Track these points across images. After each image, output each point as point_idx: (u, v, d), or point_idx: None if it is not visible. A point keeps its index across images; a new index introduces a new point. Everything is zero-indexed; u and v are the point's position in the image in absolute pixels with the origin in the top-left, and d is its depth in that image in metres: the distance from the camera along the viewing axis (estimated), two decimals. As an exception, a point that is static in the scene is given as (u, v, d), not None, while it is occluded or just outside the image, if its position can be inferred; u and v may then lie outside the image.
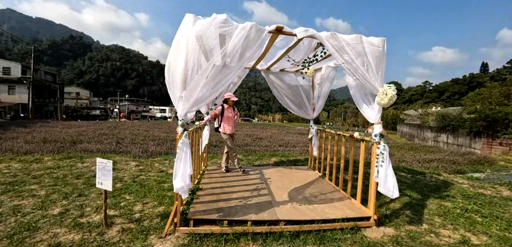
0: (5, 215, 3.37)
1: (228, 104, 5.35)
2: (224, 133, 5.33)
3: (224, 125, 5.32)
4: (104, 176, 3.06)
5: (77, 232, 3.02)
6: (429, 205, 4.61)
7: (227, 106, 5.34)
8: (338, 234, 3.27)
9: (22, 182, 4.68)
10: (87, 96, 62.50)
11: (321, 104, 5.18)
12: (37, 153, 7.31)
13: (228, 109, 5.34)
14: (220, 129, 5.34)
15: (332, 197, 4.21)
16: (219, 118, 5.33)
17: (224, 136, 5.35)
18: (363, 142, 3.83)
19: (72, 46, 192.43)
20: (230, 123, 5.38)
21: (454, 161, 9.87)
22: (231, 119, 5.40)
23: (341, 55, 2.99)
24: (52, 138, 11.25)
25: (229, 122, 5.35)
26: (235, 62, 2.56)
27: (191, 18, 2.51)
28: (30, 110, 29.86)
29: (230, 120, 5.37)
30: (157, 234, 3.00)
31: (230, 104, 5.39)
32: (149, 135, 14.71)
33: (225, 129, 5.32)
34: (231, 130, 5.37)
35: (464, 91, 53.03)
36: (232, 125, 5.41)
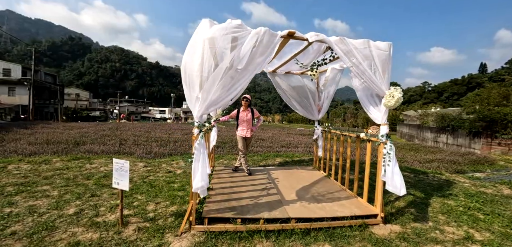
0: (22, 215, 3.46)
1: (242, 106, 5.37)
2: (238, 135, 5.44)
3: (239, 127, 5.41)
4: (120, 176, 3.16)
5: (94, 231, 3.11)
6: (433, 204, 4.73)
7: (242, 108, 5.36)
8: (347, 231, 3.38)
9: (33, 183, 4.77)
10: (86, 97, 62.49)
11: (326, 105, 5.30)
12: (43, 155, 7.39)
13: (243, 112, 5.36)
14: (236, 130, 5.48)
15: (339, 196, 4.32)
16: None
17: (237, 137, 5.45)
18: (370, 142, 3.94)
19: (71, 47, 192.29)
20: (244, 126, 5.37)
21: (454, 161, 10.01)
22: (246, 121, 5.35)
23: (349, 58, 3.10)
24: (55, 139, 11.33)
25: (243, 125, 5.36)
26: (249, 66, 2.67)
27: (207, 22, 2.62)
28: (30, 111, 29.89)
29: (244, 123, 5.35)
30: (173, 232, 3.10)
31: (244, 106, 5.34)
32: (151, 137, 14.79)
33: (239, 131, 5.41)
34: (244, 132, 5.38)
35: (463, 92, 53.33)
36: (246, 128, 5.37)
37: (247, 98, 5.31)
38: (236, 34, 2.57)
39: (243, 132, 5.37)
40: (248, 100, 5.33)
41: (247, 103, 5.34)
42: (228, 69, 2.59)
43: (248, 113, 5.37)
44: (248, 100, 5.33)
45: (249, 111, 5.40)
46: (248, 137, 5.46)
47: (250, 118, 5.37)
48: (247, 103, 5.34)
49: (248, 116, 5.36)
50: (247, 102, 5.33)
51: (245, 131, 5.37)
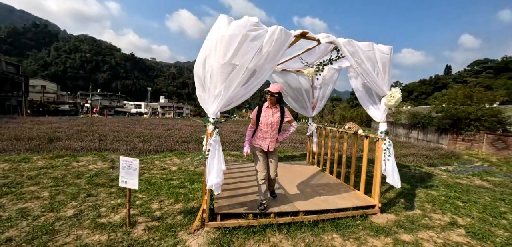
0: (14, 219, 3.23)
1: (267, 101, 3.48)
2: (254, 146, 3.52)
3: (257, 133, 3.49)
4: (129, 175, 3.07)
5: (100, 233, 3.00)
6: (419, 194, 5.15)
7: (266, 105, 3.49)
8: (350, 221, 3.63)
9: (18, 184, 4.44)
10: (54, 89, 58.24)
11: (322, 104, 5.49)
12: (14, 153, 6.86)
13: (268, 109, 3.44)
14: (252, 139, 3.56)
15: (338, 189, 4.54)
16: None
17: (253, 151, 3.54)
18: (367, 139, 4.17)
19: (35, 34, 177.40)
20: (267, 132, 3.41)
21: (426, 155, 10.84)
22: (270, 125, 3.40)
23: (355, 59, 3.26)
24: (24, 135, 10.55)
25: (264, 130, 3.43)
26: (267, 64, 2.71)
27: (226, 19, 2.61)
28: (-10, 105, 27.29)
29: (267, 128, 3.41)
30: (185, 230, 3.09)
31: (270, 102, 3.41)
32: (132, 132, 14.29)
33: (256, 140, 3.49)
34: (264, 143, 3.42)
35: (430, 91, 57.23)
36: (269, 136, 3.42)
37: (272, 92, 3.33)
38: (255, 32, 2.60)
39: (262, 142, 3.42)
40: (275, 95, 3.34)
41: (273, 98, 3.35)
42: (248, 67, 2.61)
43: (275, 113, 3.43)
44: (275, 95, 3.34)
45: (277, 110, 3.46)
46: (271, 152, 3.47)
47: (277, 121, 3.43)
48: (273, 99, 3.35)
49: (274, 117, 3.41)
50: (275, 97, 3.35)
51: (266, 141, 3.41)
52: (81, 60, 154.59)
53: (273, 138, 3.46)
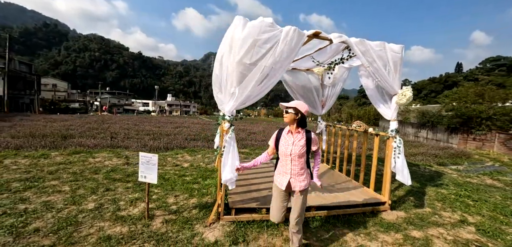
0: (40, 211, 3.41)
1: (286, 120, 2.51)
2: (274, 184, 2.68)
3: (278, 163, 2.66)
4: (148, 170, 3.21)
5: (121, 225, 3.15)
6: (428, 192, 5.18)
7: (288, 129, 2.58)
8: (360, 217, 3.70)
9: (39, 178, 4.66)
10: (65, 88, 59.53)
11: (331, 103, 5.55)
12: (31, 149, 7.12)
13: (288, 136, 2.56)
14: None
15: (347, 186, 4.61)
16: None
17: (273, 188, 2.70)
18: (378, 136, 4.23)
19: (46, 34, 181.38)
20: (286, 164, 2.53)
21: (435, 154, 10.75)
22: (288, 156, 2.50)
23: (367, 58, 3.32)
24: (39, 132, 10.88)
25: (282, 161, 2.57)
26: (281, 64, 2.81)
27: (241, 20, 2.72)
28: (5, 103, 28.14)
29: (286, 158, 2.52)
30: (201, 223, 3.22)
31: (289, 121, 2.49)
32: (141, 130, 14.55)
33: (275, 172, 2.68)
34: (283, 179, 2.55)
35: (440, 90, 56.19)
36: (289, 170, 2.51)
37: (286, 107, 2.50)
38: (270, 33, 2.69)
39: (280, 178, 2.58)
40: (289, 112, 2.47)
41: (288, 116, 2.47)
42: (263, 67, 2.71)
43: (297, 140, 2.49)
44: (289, 112, 2.47)
45: (300, 136, 2.51)
46: (294, 192, 2.56)
47: (300, 151, 2.47)
48: (289, 117, 2.47)
49: (295, 146, 2.47)
50: (296, 116, 2.47)
51: (285, 178, 2.53)
52: (90, 59, 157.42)
53: (296, 173, 2.46)
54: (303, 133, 2.53)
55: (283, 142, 2.55)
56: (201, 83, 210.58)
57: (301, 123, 2.53)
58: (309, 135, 2.56)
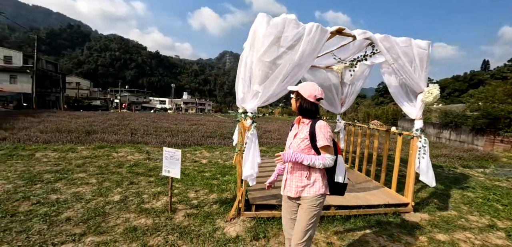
0: (70, 202, 3.60)
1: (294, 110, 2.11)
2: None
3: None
4: (171, 165, 3.31)
5: (146, 217, 3.27)
6: (453, 195, 4.97)
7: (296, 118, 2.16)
8: (382, 218, 3.62)
9: (68, 171, 4.91)
10: (87, 86, 62.19)
11: (351, 100, 5.44)
12: (59, 143, 7.50)
13: (295, 125, 2.16)
14: None
15: (368, 186, 4.52)
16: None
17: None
18: (401, 136, 4.11)
19: (70, 35, 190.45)
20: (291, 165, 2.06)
21: (459, 156, 10.26)
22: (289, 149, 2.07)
23: (392, 55, 3.24)
24: (65, 128, 11.43)
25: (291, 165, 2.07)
26: (304, 61, 2.80)
27: (265, 17, 2.73)
28: (33, 100, 29.81)
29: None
30: (222, 218, 3.28)
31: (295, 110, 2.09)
32: (159, 127, 14.93)
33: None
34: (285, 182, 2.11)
35: (464, 88, 53.55)
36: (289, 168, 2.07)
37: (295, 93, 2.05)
38: (294, 30, 2.69)
39: (284, 182, 2.14)
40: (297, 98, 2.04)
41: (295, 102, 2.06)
42: (286, 65, 2.72)
43: (300, 130, 2.04)
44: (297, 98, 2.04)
45: (305, 125, 2.02)
46: (292, 198, 2.09)
47: (299, 143, 2.00)
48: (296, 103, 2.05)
49: (296, 139, 2.04)
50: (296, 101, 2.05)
51: (286, 179, 2.11)
52: (111, 58, 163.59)
53: (294, 173, 2.00)
54: (309, 124, 1.95)
55: (289, 134, 2.14)
56: (216, 82, 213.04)
57: (304, 112, 1.98)
58: (313, 126, 1.91)
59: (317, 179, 1.96)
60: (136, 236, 2.79)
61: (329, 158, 1.90)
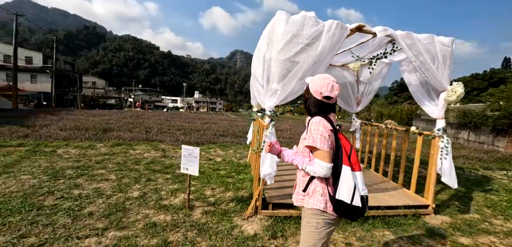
0: (92, 197, 3.71)
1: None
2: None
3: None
4: (190, 162, 3.35)
5: (165, 213, 3.33)
6: (476, 198, 4.79)
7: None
8: (401, 219, 3.54)
9: (89, 167, 5.07)
10: (103, 85, 63.99)
11: (368, 100, 5.34)
12: (76, 140, 7.74)
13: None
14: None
15: (385, 186, 4.42)
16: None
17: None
18: (421, 136, 4.00)
19: (86, 36, 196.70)
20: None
21: (479, 158, 9.88)
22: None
23: (413, 52, 3.15)
24: (83, 126, 11.77)
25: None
26: (323, 59, 2.76)
27: (284, 15, 2.71)
28: (53, 98, 30.96)
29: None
30: (239, 216, 3.30)
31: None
32: (173, 125, 15.16)
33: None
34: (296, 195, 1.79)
35: (484, 87, 51.41)
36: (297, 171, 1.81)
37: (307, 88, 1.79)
38: (313, 28, 2.66)
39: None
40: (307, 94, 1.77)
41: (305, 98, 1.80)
42: (306, 63, 2.70)
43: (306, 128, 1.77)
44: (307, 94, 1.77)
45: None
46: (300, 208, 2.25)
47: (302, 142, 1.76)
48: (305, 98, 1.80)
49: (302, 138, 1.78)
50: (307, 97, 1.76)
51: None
52: (125, 58, 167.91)
53: (297, 178, 1.81)
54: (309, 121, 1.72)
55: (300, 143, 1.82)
56: (227, 81, 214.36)
57: (307, 110, 1.74)
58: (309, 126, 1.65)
59: (316, 190, 1.64)
60: (156, 232, 2.85)
61: (319, 165, 1.55)
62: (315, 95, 1.67)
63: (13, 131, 8.35)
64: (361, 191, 1.60)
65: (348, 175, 1.57)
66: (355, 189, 1.56)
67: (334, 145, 1.63)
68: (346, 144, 1.65)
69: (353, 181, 1.57)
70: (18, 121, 11.46)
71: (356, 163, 1.62)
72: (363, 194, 1.61)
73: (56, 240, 2.62)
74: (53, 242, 2.59)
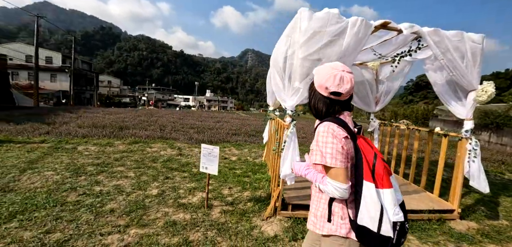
0: (113, 194, 3.77)
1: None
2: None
3: None
4: (209, 161, 3.35)
5: (184, 212, 3.34)
6: (503, 203, 4.58)
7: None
8: (426, 224, 3.40)
9: (108, 164, 5.18)
10: (118, 84, 65.73)
11: (388, 99, 5.18)
12: (94, 137, 7.94)
13: None
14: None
15: (406, 189, 4.28)
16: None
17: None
18: (446, 137, 3.84)
19: (102, 36, 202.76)
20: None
21: (503, 161, 9.41)
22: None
23: (441, 50, 3.01)
24: (99, 123, 12.06)
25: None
26: (347, 57, 2.68)
27: (307, 12, 2.65)
28: (71, 97, 32.04)
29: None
30: (258, 217, 3.27)
31: None
32: (186, 123, 15.32)
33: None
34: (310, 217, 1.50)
35: (506, 87, 49.12)
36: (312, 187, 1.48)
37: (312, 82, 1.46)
38: (337, 25, 2.58)
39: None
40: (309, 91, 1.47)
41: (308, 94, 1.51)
42: (331, 61, 2.62)
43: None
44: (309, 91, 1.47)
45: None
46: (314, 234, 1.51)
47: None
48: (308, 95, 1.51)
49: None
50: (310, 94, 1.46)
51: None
52: (139, 57, 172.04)
53: (312, 195, 1.49)
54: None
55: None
56: (238, 80, 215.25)
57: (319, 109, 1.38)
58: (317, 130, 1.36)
59: (335, 212, 1.32)
60: (177, 230, 2.86)
61: (332, 186, 1.24)
62: (320, 91, 1.34)
63: (35, 128, 8.68)
64: (392, 216, 1.19)
65: (371, 195, 1.19)
66: (383, 212, 1.18)
67: (354, 155, 1.28)
68: (368, 152, 1.26)
69: (379, 202, 1.18)
70: (39, 118, 11.90)
71: (383, 177, 1.21)
72: (396, 219, 1.19)
73: (80, 236, 2.67)
74: (78, 238, 2.64)
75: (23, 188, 3.78)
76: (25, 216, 2.98)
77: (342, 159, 1.23)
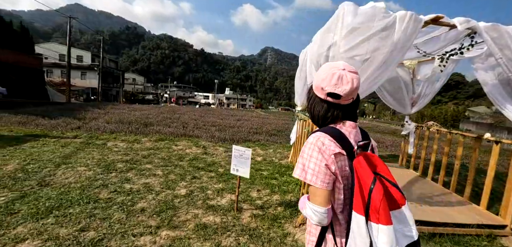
0: (142, 193, 3.79)
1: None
2: None
3: None
4: (241, 164, 3.26)
5: (213, 214, 3.27)
6: (563, 220, 4.06)
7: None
8: (473, 240, 3.09)
9: (137, 161, 5.27)
10: (142, 82, 68.23)
11: (427, 101, 4.82)
12: (121, 133, 8.19)
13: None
14: None
15: (448, 199, 3.94)
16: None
17: None
18: (498, 145, 3.46)
19: (127, 36, 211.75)
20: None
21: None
22: None
23: (499, 47, 2.68)
24: (126, 119, 12.46)
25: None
26: (396, 55, 2.46)
27: (351, 7, 2.46)
28: (99, 94, 33.67)
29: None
30: (290, 223, 3.13)
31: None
32: (207, 121, 15.47)
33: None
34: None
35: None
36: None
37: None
38: (384, 20, 2.36)
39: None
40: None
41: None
42: (376, 60, 2.42)
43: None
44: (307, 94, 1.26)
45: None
46: None
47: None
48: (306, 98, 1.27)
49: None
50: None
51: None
52: (161, 56, 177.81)
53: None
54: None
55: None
56: (257, 78, 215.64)
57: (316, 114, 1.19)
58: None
59: (328, 239, 1.15)
60: (208, 234, 2.79)
61: (310, 208, 1.08)
62: (317, 92, 1.14)
63: (67, 123, 9.13)
64: None
65: (360, 228, 0.95)
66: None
67: (349, 174, 1.06)
68: (364, 175, 0.96)
69: (368, 238, 0.93)
70: (71, 113, 12.54)
71: (379, 210, 0.89)
72: None
73: (113, 236, 2.67)
74: (111, 238, 2.64)
75: (58, 183, 3.91)
76: (60, 212, 3.05)
77: (323, 179, 1.03)
